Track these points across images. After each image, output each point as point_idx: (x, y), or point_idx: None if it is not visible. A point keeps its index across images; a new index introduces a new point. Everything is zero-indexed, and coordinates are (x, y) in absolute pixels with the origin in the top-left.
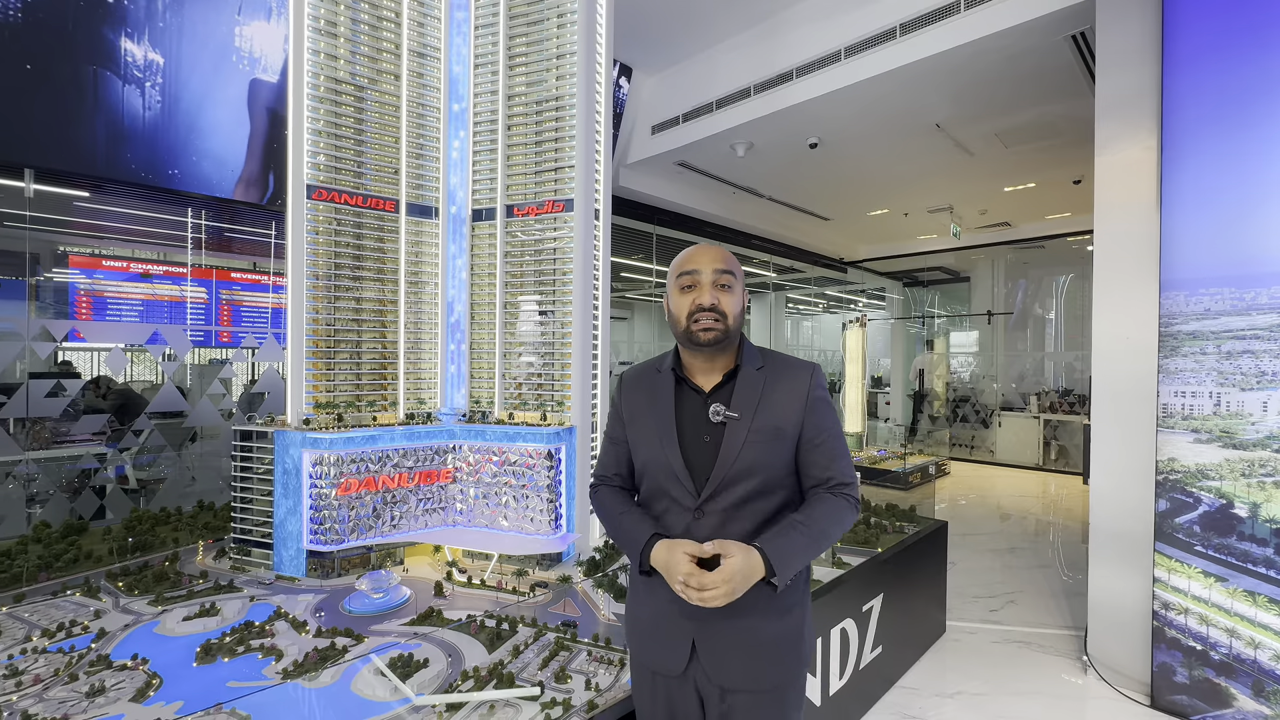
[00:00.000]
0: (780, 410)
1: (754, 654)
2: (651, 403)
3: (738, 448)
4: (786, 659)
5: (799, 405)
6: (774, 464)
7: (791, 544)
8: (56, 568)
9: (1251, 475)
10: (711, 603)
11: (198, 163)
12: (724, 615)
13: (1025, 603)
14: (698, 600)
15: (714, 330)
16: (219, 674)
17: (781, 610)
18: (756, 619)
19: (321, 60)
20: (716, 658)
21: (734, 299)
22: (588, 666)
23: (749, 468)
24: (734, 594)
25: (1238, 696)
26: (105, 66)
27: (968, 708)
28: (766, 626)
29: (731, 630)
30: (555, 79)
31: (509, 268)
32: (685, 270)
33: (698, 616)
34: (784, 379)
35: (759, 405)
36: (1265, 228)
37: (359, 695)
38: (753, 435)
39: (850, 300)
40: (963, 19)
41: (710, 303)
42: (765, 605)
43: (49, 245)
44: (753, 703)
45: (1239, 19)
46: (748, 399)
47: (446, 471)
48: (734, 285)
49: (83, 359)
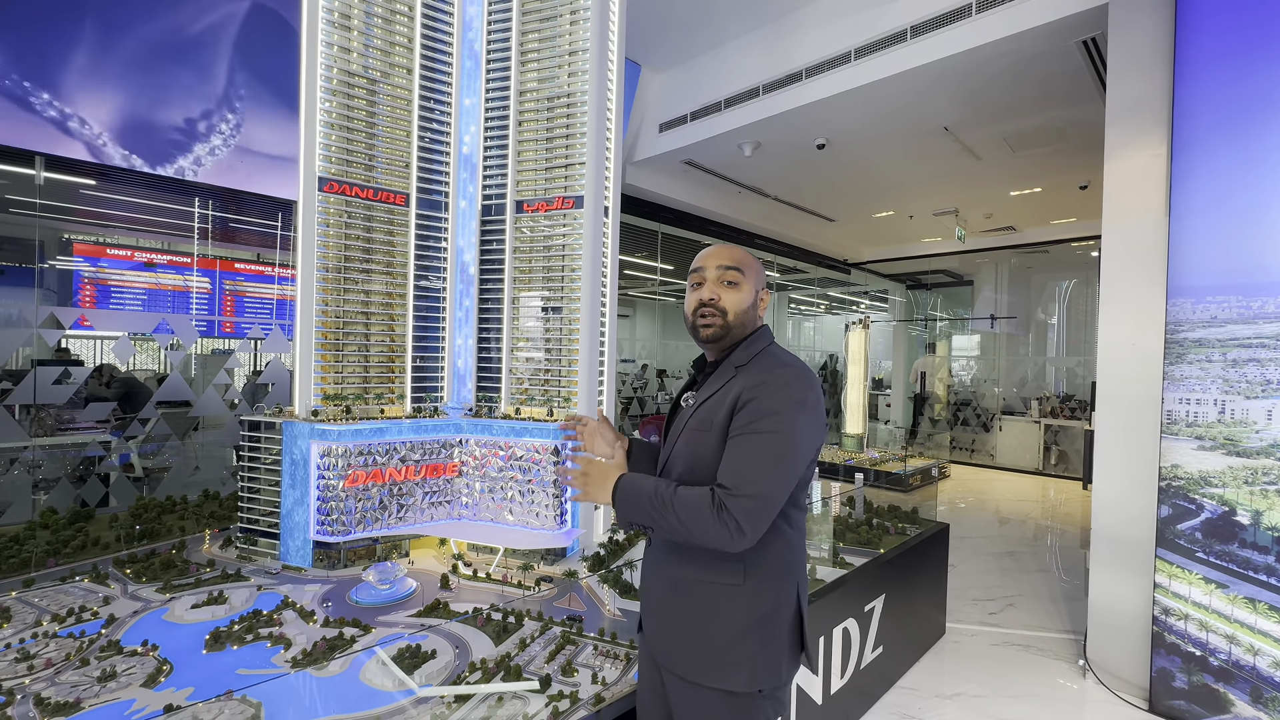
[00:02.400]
0: (720, 404)
1: (672, 638)
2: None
3: (678, 432)
4: (702, 660)
5: (732, 401)
6: (701, 455)
7: (640, 490)
8: (64, 554)
9: (1254, 483)
10: (572, 475)
11: None
12: (660, 589)
13: (1024, 606)
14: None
15: (712, 325)
16: (228, 661)
17: (705, 612)
18: (678, 609)
19: (335, 53)
20: (648, 624)
21: (738, 295)
22: (594, 660)
23: (680, 453)
24: (584, 483)
25: (1236, 702)
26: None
27: (966, 709)
28: (687, 620)
29: (661, 604)
30: (567, 75)
31: (517, 263)
32: (694, 268)
33: (647, 580)
34: (748, 377)
35: (712, 396)
36: (1273, 237)
37: (368, 685)
38: (692, 422)
39: (853, 302)
40: (974, 22)
41: (710, 298)
42: (689, 600)
43: (54, 232)
44: (679, 689)
45: (1252, 27)
46: (707, 389)
47: (453, 465)
48: (741, 282)
49: (85, 347)
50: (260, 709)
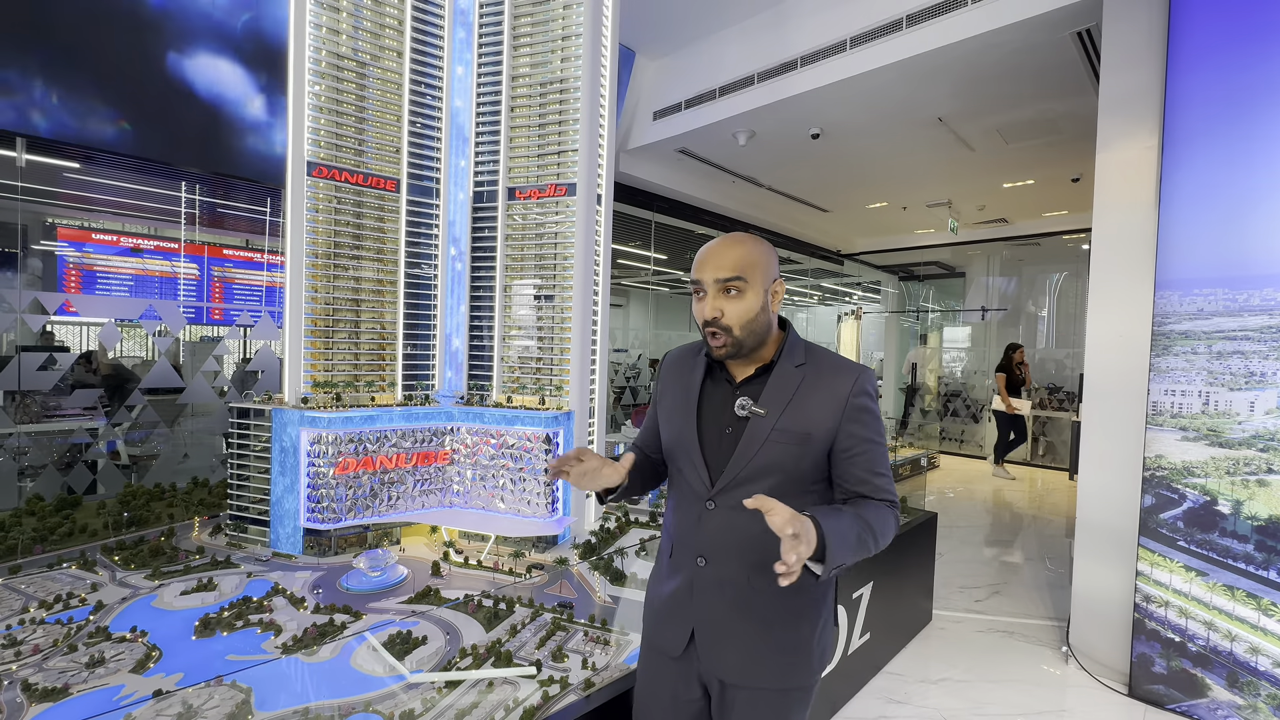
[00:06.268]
0: (813, 413)
1: (751, 655)
2: (682, 385)
3: (758, 445)
4: (788, 665)
5: (835, 411)
6: (797, 468)
7: (842, 525)
8: (51, 541)
9: (1236, 473)
10: (785, 530)
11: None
12: (729, 611)
13: (1010, 594)
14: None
15: (724, 346)
16: (218, 647)
17: (793, 621)
18: (761, 624)
19: (323, 35)
20: (713, 650)
21: (741, 305)
22: (584, 646)
23: (767, 467)
24: (799, 539)
25: (1212, 687)
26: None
27: (951, 694)
28: (772, 633)
29: (733, 627)
30: (560, 60)
31: (509, 251)
32: (693, 279)
33: (703, 605)
34: (824, 380)
35: (789, 404)
36: (1259, 231)
37: (358, 671)
38: (776, 434)
39: (846, 293)
40: (969, 12)
41: (712, 316)
42: (772, 615)
43: (37, 217)
44: (751, 699)
45: (1244, 22)
46: (778, 397)
47: (444, 453)
48: (744, 289)
49: (71, 333)
50: (250, 694)
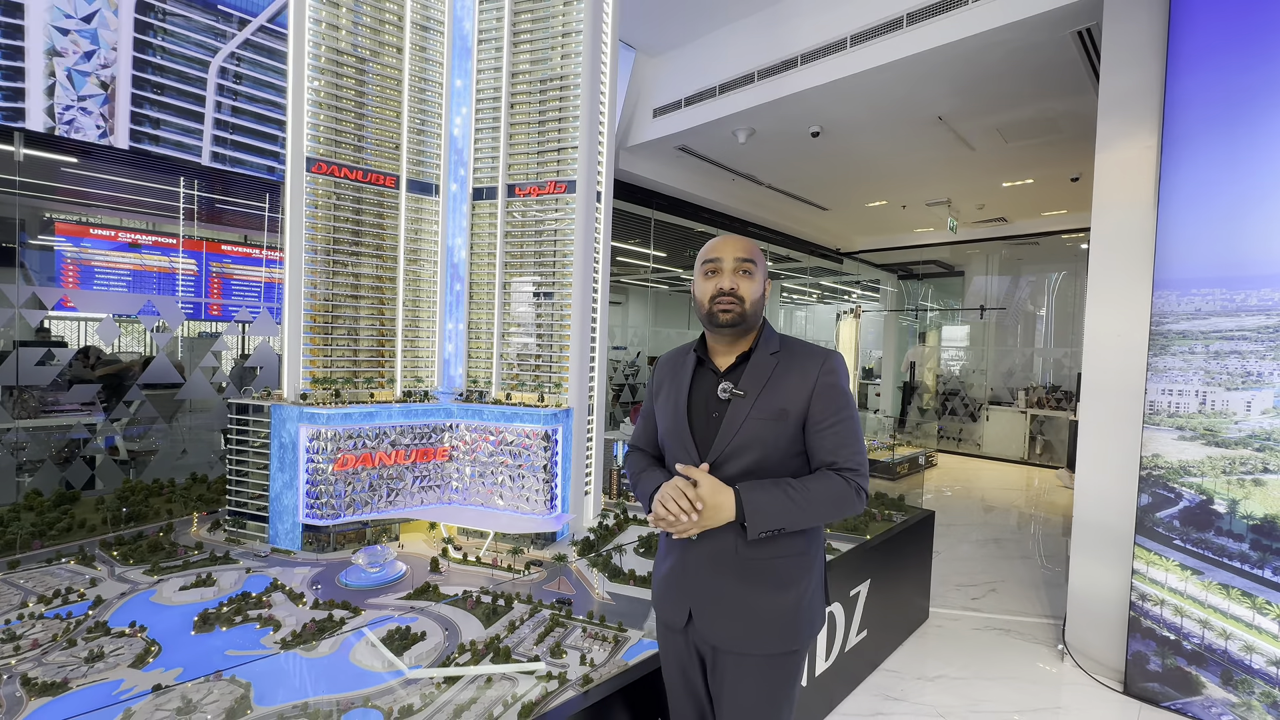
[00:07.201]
0: (788, 393)
1: (743, 621)
2: (674, 380)
3: (739, 422)
4: (777, 630)
5: (806, 389)
6: (775, 443)
7: (769, 497)
8: (50, 536)
9: (1232, 473)
10: (682, 521)
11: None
12: (719, 580)
13: (1006, 591)
14: (674, 517)
15: (731, 311)
16: (217, 643)
17: (779, 585)
18: (750, 589)
19: (323, 30)
20: (708, 620)
21: (753, 285)
22: (583, 643)
23: (748, 442)
24: (704, 520)
25: (1207, 685)
26: None
27: (947, 691)
28: (761, 598)
29: (725, 596)
30: (560, 57)
31: (509, 248)
32: (710, 258)
33: (697, 576)
34: (797, 363)
35: (766, 386)
36: (1257, 232)
37: (357, 666)
38: (756, 413)
39: (845, 291)
40: (970, 11)
41: (730, 286)
42: (762, 578)
43: (35, 212)
44: (738, 663)
45: (1244, 22)
46: (756, 379)
47: (443, 450)
48: (754, 272)
49: (69, 329)
50: (250, 689)
